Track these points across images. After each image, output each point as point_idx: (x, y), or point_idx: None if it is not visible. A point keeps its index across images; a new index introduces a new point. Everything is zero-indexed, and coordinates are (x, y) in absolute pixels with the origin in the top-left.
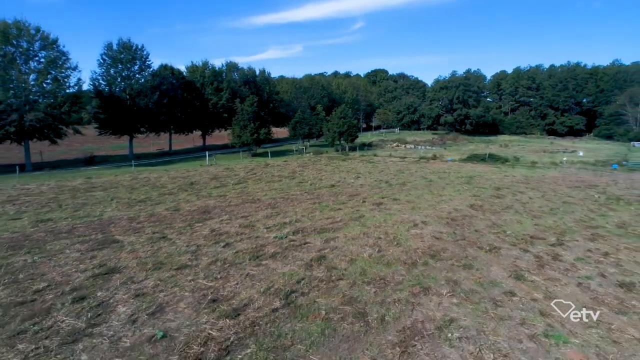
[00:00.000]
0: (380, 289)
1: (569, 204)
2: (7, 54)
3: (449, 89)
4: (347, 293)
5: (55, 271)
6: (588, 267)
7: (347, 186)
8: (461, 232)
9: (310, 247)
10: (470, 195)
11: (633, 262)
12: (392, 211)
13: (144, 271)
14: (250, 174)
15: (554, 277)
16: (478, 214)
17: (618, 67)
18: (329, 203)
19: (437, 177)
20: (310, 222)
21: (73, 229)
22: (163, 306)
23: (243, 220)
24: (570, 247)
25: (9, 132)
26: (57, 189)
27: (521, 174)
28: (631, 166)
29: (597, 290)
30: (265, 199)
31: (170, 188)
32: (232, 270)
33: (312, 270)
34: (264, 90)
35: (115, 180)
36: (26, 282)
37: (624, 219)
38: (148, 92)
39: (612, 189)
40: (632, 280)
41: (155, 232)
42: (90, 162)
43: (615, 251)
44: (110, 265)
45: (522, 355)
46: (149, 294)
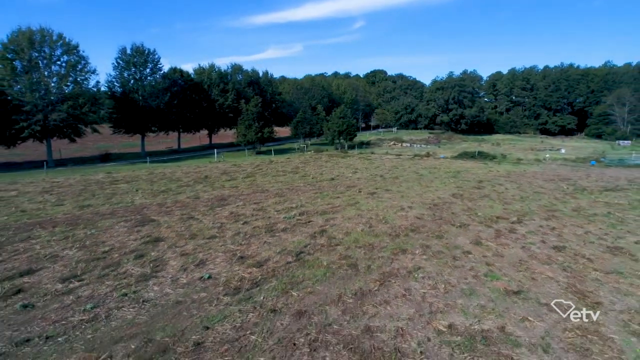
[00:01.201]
0: (368, 251)
1: (539, 194)
2: (32, 59)
3: (445, 90)
4: (343, 253)
5: (112, 239)
6: (534, 237)
7: (345, 179)
8: (439, 214)
9: (313, 224)
10: (454, 186)
11: (572, 234)
12: (384, 199)
13: (182, 240)
14: (256, 169)
15: (505, 243)
16: (457, 201)
17: (608, 69)
18: (329, 192)
19: (427, 172)
20: (313, 207)
21: (113, 211)
22: (204, 261)
23: (256, 205)
24: (526, 224)
25: (34, 130)
26: (84, 182)
27: (505, 169)
28: (607, 162)
29: (535, 251)
30: (272, 189)
31: (186, 181)
32: (252, 240)
33: (316, 239)
34: (267, 91)
35: (134, 175)
36: (92, 247)
37: (581, 204)
38: (160, 93)
39: (582, 182)
40: (564, 245)
41: (184, 214)
42: (106, 159)
43: (561, 227)
44: (155, 236)
45: (464, 286)
46: (191, 254)
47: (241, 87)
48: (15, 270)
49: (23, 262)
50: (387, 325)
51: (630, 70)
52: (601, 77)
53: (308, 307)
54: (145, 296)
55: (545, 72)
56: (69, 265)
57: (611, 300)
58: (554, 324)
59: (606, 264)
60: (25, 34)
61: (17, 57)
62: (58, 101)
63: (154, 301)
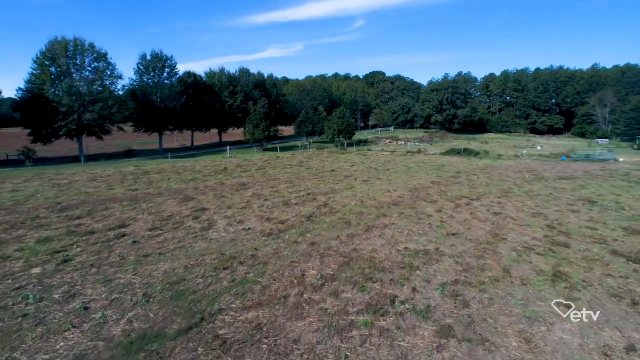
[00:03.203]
0: (359, 215)
1: (503, 181)
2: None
3: (439, 91)
4: (341, 217)
5: (170, 209)
6: (482, 208)
7: (343, 171)
8: (417, 194)
9: (318, 200)
10: (434, 176)
11: (512, 206)
12: (375, 185)
13: (222, 209)
14: (266, 163)
15: (459, 211)
16: (434, 186)
17: (594, 71)
18: (330, 180)
19: (415, 165)
20: (317, 189)
21: (159, 192)
22: (242, 220)
23: (271, 188)
24: (481, 200)
25: (70, 128)
26: (119, 172)
27: (484, 163)
28: (575, 158)
29: (478, 215)
30: (282, 177)
31: (207, 172)
32: (274, 209)
33: (321, 209)
34: (272, 93)
35: (160, 168)
36: (158, 213)
37: (533, 188)
38: (176, 96)
39: (545, 173)
40: (501, 212)
41: (216, 194)
42: (128, 154)
43: (507, 202)
44: (200, 207)
45: (421, 231)
46: (232, 217)
47: (248, 89)
48: (112, 224)
49: (115, 221)
50: (366, 248)
51: (614, 73)
52: (587, 80)
53: (317, 241)
54: (210, 237)
55: (537, 74)
56: (148, 222)
57: (512, 238)
58: (470, 247)
59: (523, 221)
60: (61, 44)
61: (53, 64)
62: (90, 103)
63: (217, 239)
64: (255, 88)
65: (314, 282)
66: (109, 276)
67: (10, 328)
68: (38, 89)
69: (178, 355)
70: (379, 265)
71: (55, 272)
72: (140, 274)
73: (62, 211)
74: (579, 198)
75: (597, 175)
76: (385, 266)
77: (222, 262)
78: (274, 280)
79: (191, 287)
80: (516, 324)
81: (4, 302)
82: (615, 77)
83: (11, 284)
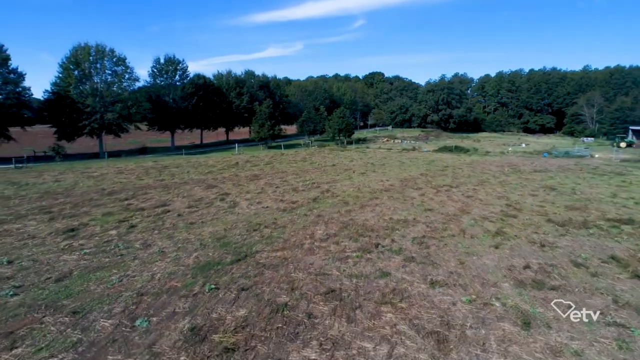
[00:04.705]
0: (355, 198)
1: (484, 173)
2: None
3: (435, 92)
4: (341, 199)
5: (199, 194)
6: (459, 193)
7: (343, 165)
8: (406, 184)
9: (321, 188)
10: (424, 169)
11: (484, 192)
12: (370, 176)
13: (242, 194)
14: (272, 159)
15: (439, 195)
16: (422, 177)
17: (584, 73)
18: (331, 173)
19: (409, 161)
20: (320, 180)
21: (185, 182)
22: (260, 201)
23: (280, 179)
24: (460, 187)
25: (93, 127)
26: (141, 167)
27: (471, 159)
28: (556, 154)
29: (453, 197)
30: (289, 171)
31: (221, 167)
32: (285, 194)
33: (324, 194)
34: (276, 94)
35: (177, 163)
36: (190, 197)
37: (507, 179)
38: (188, 97)
39: (523, 167)
40: (473, 195)
41: (234, 183)
42: (143, 151)
43: (481, 189)
44: (223, 192)
45: (404, 208)
46: (251, 199)
47: (253, 90)
48: (156, 204)
49: (156, 202)
50: (360, 218)
51: (603, 75)
52: (577, 81)
53: (322, 214)
54: (237, 212)
55: (530, 75)
56: (184, 203)
57: (475, 212)
58: (440, 218)
59: (488, 202)
60: (85, 49)
61: (76, 68)
62: (110, 103)
63: (242, 214)
64: (260, 89)
65: (321, 237)
66: (170, 235)
67: (117, 261)
68: (64, 91)
69: (236, 272)
70: (369, 228)
71: (128, 233)
72: (192, 233)
73: (109, 195)
74: (543, 186)
75: (568, 169)
76: (374, 228)
77: (251, 226)
78: (292, 236)
79: (233, 240)
80: (457, 256)
81: (103, 249)
82: (604, 79)
83: (100, 239)
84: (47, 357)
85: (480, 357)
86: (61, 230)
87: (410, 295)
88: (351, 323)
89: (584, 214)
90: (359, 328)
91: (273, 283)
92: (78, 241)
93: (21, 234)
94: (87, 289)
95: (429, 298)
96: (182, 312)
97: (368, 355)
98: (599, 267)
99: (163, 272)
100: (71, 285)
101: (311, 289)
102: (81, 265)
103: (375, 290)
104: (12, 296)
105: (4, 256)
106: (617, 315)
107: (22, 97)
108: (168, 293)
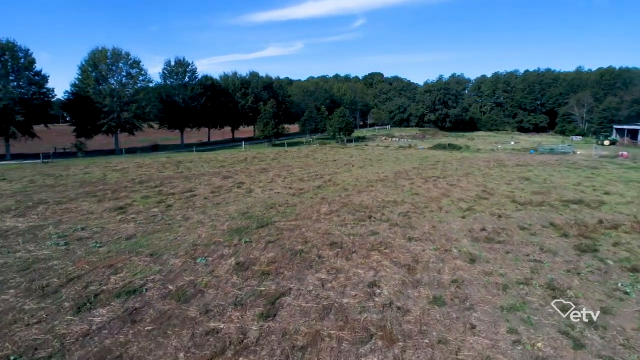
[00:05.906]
0: (354, 186)
1: (471, 167)
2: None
3: (432, 92)
4: (341, 187)
5: (217, 183)
6: (444, 182)
7: (343, 160)
8: (399, 175)
9: (324, 178)
10: (417, 164)
11: (466, 181)
12: (368, 169)
13: (255, 183)
14: (278, 155)
15: (427, 183)
16: (414, 170)
17: (576, 74)
18: (332, 166)
19: (404, 157)
20: (323, 172)
21: (203, 173)
22: (272, 189)
23: (287, 171)
24: (446, 179)
25: (111, 126)
26: (157, 162)
27: (462, 155)
28: (541, 151)
29: (438, 185)
30: (294, 165)
31: (231, 162)
32: (293, 183)
33: (326, 183)
34: (279, 94)
35: (189, 158)
36: (210, 185)
37: (490, 172)
38: (197, 97)
39: (508, 162)
40: (456, 184)
41: (246, 175)
42: (155, 148)
43: (464, 179)
44: (238, 182)
45: (396, 193)
46: (264, 187)
47: (258, 90)
48: (183, 190)
49: (183, 189)
50: (357, 200)
51: (594, 76)
52: (569, 82)
53: (326, 197)
54: (253, 196)
55: (525, 76)
56: (207, 189)
57: (454, 196)
58: (423, 200)
59: (468, 189)
60: (102, 52)
61: (94, 70)
62: (126, 104)
63: (258, 197)
64: (264, 90)
65: (326, 212)
66: (203, 211)
67: (167, 228)
68: (83, 92)
69: (262, 233)
70: (364, 206)
71: (167, 210)
72: (221, 210)
73: (140, 183)
74: (519, 177)
75: (548, 164)
76: (368, 206)
77: (267, 205)
78: (302, 211)
79: (255, 214)
80: (432, 223)
81: (152, 220)
82: (595, 80)
83: (147, 214)
84: (145, 277)
85: (436, 277)
86: (111, 208)
87: (393, 245)
88: (349, 261)
89: (544, 197)
90: (354, 263)
91: (291, 238)
92: (129, 215)
93: (80, 211)
94: (152, 243)
95: (406, 247)
96: (228, 254)
97: (360, 275)
98: (538, 230)
99: (206, 234)
100: (139, 242)
101: (319, 242)
102: (140, 230)
103: (366, 242)
104: (99, 247)
105: (76, 224)
106: (537, 256)
107: (46, 97)
108: (215, 244)
